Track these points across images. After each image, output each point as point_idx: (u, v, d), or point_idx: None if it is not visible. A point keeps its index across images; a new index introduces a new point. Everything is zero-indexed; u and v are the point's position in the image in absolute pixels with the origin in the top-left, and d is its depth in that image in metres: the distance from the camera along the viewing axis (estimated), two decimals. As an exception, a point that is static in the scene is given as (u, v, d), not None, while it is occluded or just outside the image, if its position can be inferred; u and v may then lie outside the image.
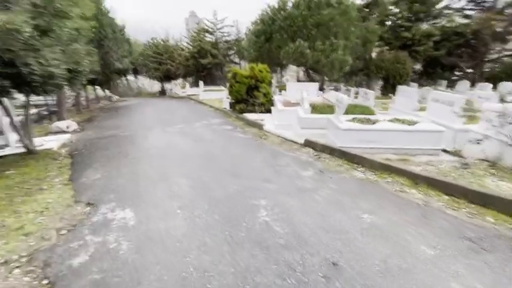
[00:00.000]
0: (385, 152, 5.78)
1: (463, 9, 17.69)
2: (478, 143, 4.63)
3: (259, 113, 10.89)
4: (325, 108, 7.64)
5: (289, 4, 13.56)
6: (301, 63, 12.44)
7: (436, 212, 3.13)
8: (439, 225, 2.86)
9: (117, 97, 21.96)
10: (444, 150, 5.80)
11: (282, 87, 12.96)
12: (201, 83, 20.72)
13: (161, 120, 11.54)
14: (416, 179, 3.97)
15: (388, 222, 2.95)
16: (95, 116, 13.08)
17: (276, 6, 13.97)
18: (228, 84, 14.64)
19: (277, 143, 7.28)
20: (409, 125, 5.80)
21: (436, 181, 3.73)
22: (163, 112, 14.08)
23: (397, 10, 17.45)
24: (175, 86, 28.98)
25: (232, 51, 27.02)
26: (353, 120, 6.12)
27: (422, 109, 7.57)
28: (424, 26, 16.24)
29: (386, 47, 17.33)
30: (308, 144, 6.59)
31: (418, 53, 16.14)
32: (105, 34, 12.14)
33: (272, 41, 12.98)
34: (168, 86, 29.18)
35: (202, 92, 19.74)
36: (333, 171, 4.85)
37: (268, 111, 11.80)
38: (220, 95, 18.44)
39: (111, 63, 13.03)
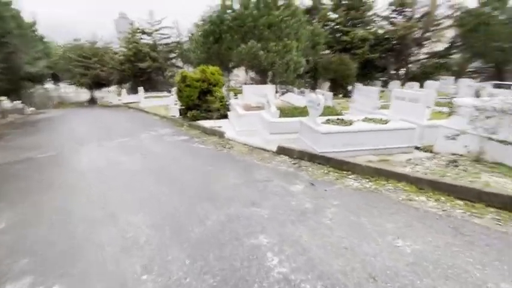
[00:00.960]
0: (364, 153, 5.47)
1: (389, 17, 19.88)
2: (454, 138, 4.62)
3: (216, 119, 9.84)
4: (293, 111, 7.11)
5: (235, 5, 12.91)
6: (255, 65, 11.89)
7: (466, 225, 2.72)
8: (484, 243, 2.42)
9: (32, 109, 17.91)
10: (415, 147, 5.80)
11: (236, 91, 12.17)
12: (140, 89, 18.45)
13: (96, 133, 9.48)
14: (418, 183, 3.60)
15: (431, 249, 2.38)
16: (1, 135, 10.08)
17: (221, 5, 13.18)
18: (175, 89, 13.16)
19: (245, 152, 6.42)
20: (382, 124, 5.63)
21: (441, 184, 3.41)
22: (98, 124, 11.79)
23: (335, 16, 18.54)
24: (109, 94, 25.43)
25: (174, 54, 25.07)
26: (328, 122, 5.68)
27: (383, 107, 7.69)
28: (360, 31, 17.59)
29: (328, 50, 18.21)
30: (282, 151, 5.91)
31: (357, 56, 17.37)
32: (6, 29, 9.42)
33: (222, 42, 12.11)
34: (99, 94, 25.41)
35: (143, 99, 17.58)
36: (323, 182, 4.22)
37: (225, 116, 10.87)
38: (165, 102, 16.67)
39: (19, 66, 10.23)
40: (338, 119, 5.86)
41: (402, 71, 22.78)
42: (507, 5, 17.55)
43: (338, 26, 18.16)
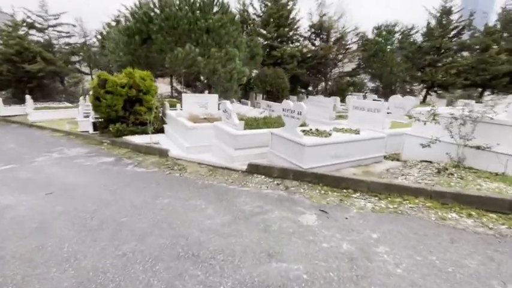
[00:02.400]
0: (345, 166, 5.02)
1: (310, 38, 21.87)
2: (429, 146, 4.66)
3: (148, 133, 7.91)
4: (254, 122, 6.19)
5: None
6: (192, 73, 10.50)
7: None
8: None
9: None
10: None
11: (171, 102, 10.43)
12: (28, 98, 13.98)
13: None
14: (440, 198, 3.21)
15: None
16: None
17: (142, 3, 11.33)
18: (88, 97, 10.30)
19: (205, 174, 5.06)
20: (356, 134, 5.36)
21: (464, 197, 3.10)
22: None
23: (264, 32, 19.03)
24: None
25: (78, 58, 20.57)
26: (306, 133, 5.01)
27: (338, 117, 7.68)
28: (288, 48, 18.55)
29: (260, 65, 18.42)
30: (255, 170, 4.85)
31: (287, 71, 18.13)
32: None
33: (151, 44, 10.23)
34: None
35: (33, 111, 13.29)
36: (332, 206, 3.40)
37: (160, 131, 9.01)
38: (68, 114, 13.13)
39: None
40: (317, 129, 5.27)
41: (321, 87, 25.39)
42: (394, 38, 21.95)
43: (267, 41, 18.66)
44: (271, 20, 18.64)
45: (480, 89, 22.70)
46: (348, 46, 21.68)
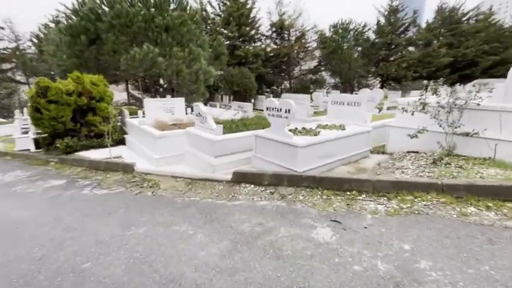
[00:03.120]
0: (336, 165, 4.71)
1: (272, 37, 21.81)
2: (416, 136, 4.57)
3: (106, 147, 6.80)
4: (235, 124, 5.60)
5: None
6: (153, 75, 9.47)
7: None
8: None
9: None
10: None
11: (131, 110, 9.31)
12: None
13: None
14: (453, 191, 3.00)
15: None
16: None
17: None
18: (26, 110, 8.67)
19: (183, 189, 4.35)
20: (342, 130, 5.10)
21: (476, 187, 2.92)
22: None
23: (225, 31, 18.41)
24: None
25: (10, 65, 17.72)
26: (294, 133, 4.58)
27: (316, 114, 7.44)
28: (251, 48, 18.19)
29: (225, 65, 17.77)
30: (242, 178, 4.28)
31: (252, 70, 17.75)
32: None
33: (101, 44, 8.96)
34: None
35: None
36: (343, 215, 2.99)
37: (120, 142, 7.93)
38: (1, 131, 11.12)
39: None
40: (303, 128, 4.88)
41: (284, 86, 25.58)
42: (349, 35, 22.97)
43: (230, 41, 18.08)
44: (232, 19, 18.12)
45: (426, 81, 24.96)
46: (308, 44, 22.11)
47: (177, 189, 4.40)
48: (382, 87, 24.59)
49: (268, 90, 23.92)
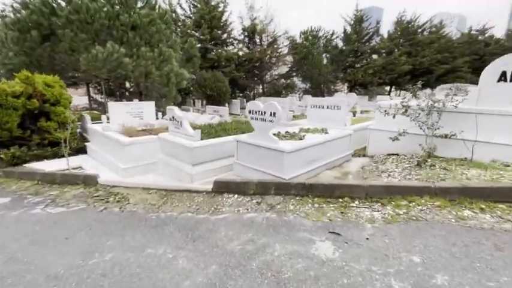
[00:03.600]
0: (321, 170, 4.55)
1: (244, 41, 21.66)
2: (397, 139, 4.59)
3: (61, 156, 5.93)
4: (214, 129, 5.21)
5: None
6: (118, 77, 8.66)
7: None
8: None
9: None
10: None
11: (93, 115, 8.42)
12: None
13: None
14: (446, 194, 2.94)
15: None
16: None
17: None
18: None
19: (157, 202, 3.86)
20: (325, 134, 4.98)
21: (469, 190, 2.89)
22: None
23: (197, 34, 17.86)
24: None
25: None
26: (279, 137, 4.33)
27: (295, 118, 7.31)
28: (224, 52, 17.84)
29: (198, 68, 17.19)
30: (224, 188, 3.91)
31: (225, 74, 17.39)
32: None
33: (58, 41, 7.96)
34: None
35: None
36: (339, 224, 2.77)
37: (80, 150, 7.09)
38: None
39: None
40: (287, 132, 4.65)
41: (257, 91, 25.57)
42: (319, 42, 23.70)
43: (202, 44, 17.55)
44: (203, 21, 17.64)
45: (388, 87, 26.65)
46: (280, 49, 22.38)
47: (149, 203, 3.89)
48: (350, 92, 25.72)
49: (241, 94, 23.70)
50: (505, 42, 26.96)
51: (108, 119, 7.93)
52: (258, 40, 21.31)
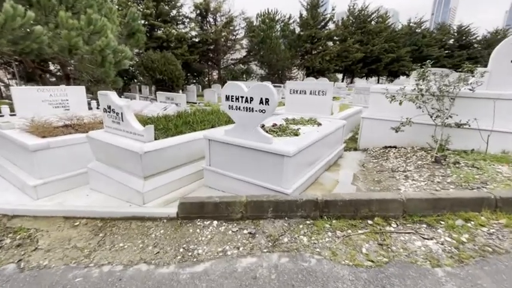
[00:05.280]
0: (320, 173, 3.59)
1: (197, 20, 19.36)
2: (399, 129, 3.88)
3: None
4: (173, 123, 3.76)
5: None
6: (27, 52, 6.29)
7: None
8: None
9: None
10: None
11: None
12: None
13: None
14: (509, 207, 2.20)
15: None
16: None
17: None
18: None
19: (86, 245, 2.43)
20: (317, 125, 4.01)
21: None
22: None
23: (140, 7, 15.11)
24: None
25: None
26: (273, 133, 3.17)
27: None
28: (174, 30, 15.55)
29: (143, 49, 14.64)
30: (196, 211, 2.63)
31: (176, 57, 15.23)
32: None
33: None
34: None
35: None
36: (391, 273, 1.80)
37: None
38: None
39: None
40: (274, 125, 3.52)
41: (212, 77, 23.71)
42: (277, 26, 22.75)
43: (147, 20, 14.94)
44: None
45: (341, 74, 27.41)
46: (236, 31, 20.77)
47: (74, 245, 2.42)
48: (305, 79, 25.65)
49: (194, 81, 21.59)
50: (436, 35, 29.93)
51: (12, 110, 5.73)
52: (212, 20, 19.32)
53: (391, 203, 2.34)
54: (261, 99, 2.64)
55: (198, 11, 18.69)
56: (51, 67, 12.72)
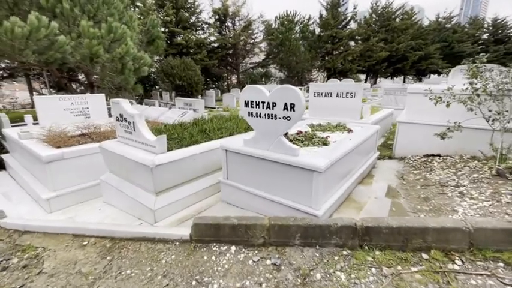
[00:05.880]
0: (353, 186, 3.12)
1: (215, 25, 19.46)
2: (446, 135, 3.31)
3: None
4: (187, 131, 3.50)
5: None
6: (51, 62, 6.44)
7: None
8: None
9: None
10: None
11: (17, 114, 6.21)
12: None
13: None
14: None
15: None
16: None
17: None
18: None
19: (91, 270, 2.17)
20: (348, 132, 3.55)
21: None
22: None
23: (160, 15, 15.40)
24: None
25: None
26: (298, 142, 2.79)
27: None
28: (193, 36, 15.66)
29: (163, 55, 14.86)
30: (210, 233, 2.29)
31: (196, 62, 15.30)
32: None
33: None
34: None
35: None
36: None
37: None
38: None
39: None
40: (299, 133, 3.13)
41: (231, 82, 23.67)
42: (296, 27, 22.30)
43: (168, 27, 15.18)
44: (168, 0, 15.22)
45: (365, 75, 26.26)
46: (255, 35, 20.60)
47: (79, 271, 2.19)
48: (327, 80, 24.86)
49: (214, 85, 21.66)
50: (468, 30, 27.83)
51: (35, 119, 5.81)
52: (230, 24, 19.31)
53: (453, 233, 1.85)
54: (286, 104, 2.27)
55: (217, 16, 18.76)
56: (80, 76, 13.25)
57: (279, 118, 2.34)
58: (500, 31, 28.00)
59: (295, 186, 2.33)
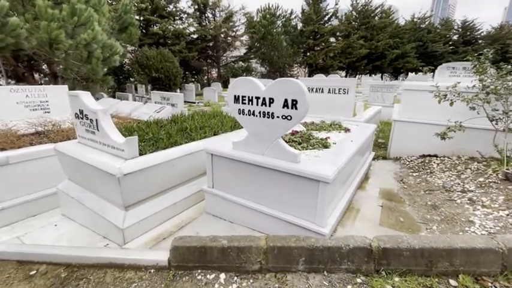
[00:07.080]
0: (353, 193, 2.82)
1: (195, 15, 18.50)
2: (446, 135, 3.13)
3: None
4: (164, 130, 2.99)
5: None
6: (4, 47, 5.50)
7: None
8: None
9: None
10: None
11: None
12: None
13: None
14: None
15: None
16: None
17: None
18: None
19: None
20: (345, 131, 3.24)
21: None
22: None
23: (135, 1, 14.24)
24: None
25: None
26: (295, 144, 2.42)
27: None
28: (171, 26, 14.71)
29: (137, 45, 13.81)
30: (194, 258, 1.87)
31: (174, 53, 14.42)
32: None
33: None
34: None
35: None
36: None
37: None
38: None
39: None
40: (302, 136, 2.76)
41: (211, 75, 22.88)
42: (278, 21, 21.91)
43: (142, 15, 14.10)
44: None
45: (344, 72, 26.61)
46: (236, 27, 19.93)
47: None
48: (309, 77, 24.84)
49: (193, 79, 20.76)
50: (441, 31, 29.10)
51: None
52: (210, 15, 18.48)
53: (484, 254, 1.58)
54: (286, 101, 1.87)
55: (196, 6, 17.84)
56: (44, 66, 11.91)
57: (277, 117, 1.95)
58: (468, 33, 29.57)
59: (295, 198, 1.96)
